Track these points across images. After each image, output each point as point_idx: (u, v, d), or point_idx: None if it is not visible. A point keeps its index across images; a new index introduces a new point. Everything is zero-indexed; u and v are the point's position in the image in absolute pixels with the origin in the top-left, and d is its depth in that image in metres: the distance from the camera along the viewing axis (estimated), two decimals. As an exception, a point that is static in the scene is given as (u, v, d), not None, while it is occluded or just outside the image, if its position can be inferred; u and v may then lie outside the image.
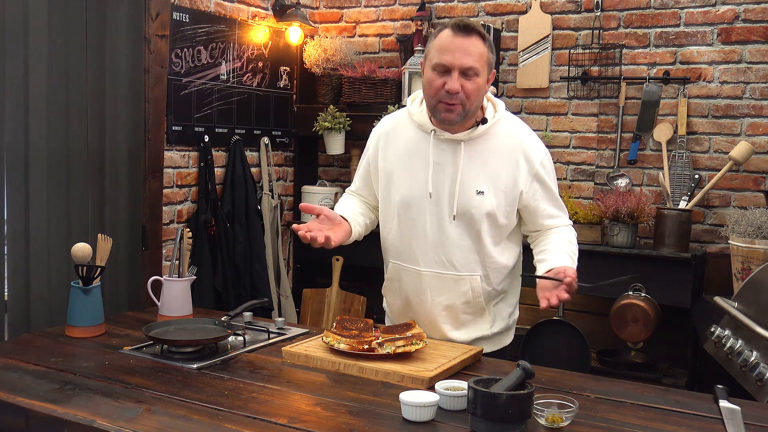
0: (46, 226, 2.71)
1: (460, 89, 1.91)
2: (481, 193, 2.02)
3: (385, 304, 2.37)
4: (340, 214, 2.14)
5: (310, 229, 1.99)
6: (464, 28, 1.91)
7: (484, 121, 2.04)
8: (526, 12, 3.83)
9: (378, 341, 1.92)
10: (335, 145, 3.99)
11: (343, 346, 1.92)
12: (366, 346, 1.91)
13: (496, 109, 2.08)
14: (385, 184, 2.16)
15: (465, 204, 2.04)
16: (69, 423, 1.56)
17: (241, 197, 3.68)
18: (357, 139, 3.98)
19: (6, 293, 2.62)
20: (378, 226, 2.27)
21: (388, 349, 1.88)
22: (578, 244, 2.18)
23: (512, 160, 2.04)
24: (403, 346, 1.88)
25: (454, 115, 1.96)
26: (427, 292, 2.12)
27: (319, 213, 2.07)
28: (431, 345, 2.06)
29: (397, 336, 1.96)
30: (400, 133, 2.14)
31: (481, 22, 3.86)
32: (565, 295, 1.87)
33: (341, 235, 2.08)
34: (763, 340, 2.39)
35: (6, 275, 2.61)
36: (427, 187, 2.05)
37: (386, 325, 2.30)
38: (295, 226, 2.00)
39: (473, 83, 1.93)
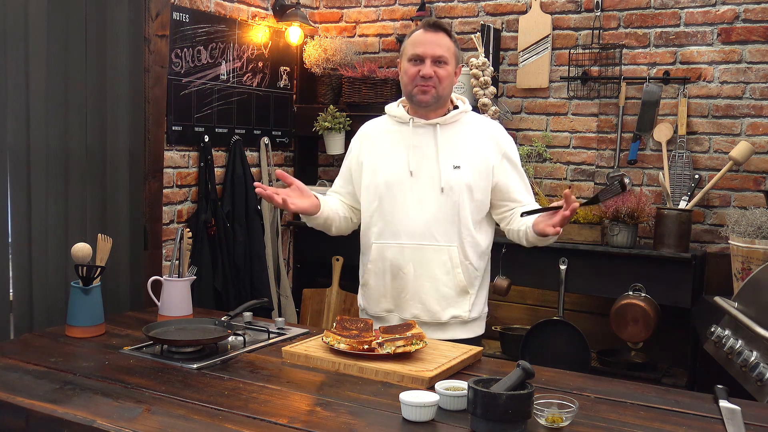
0: (46, 226, 2.71)
1: (433, 74, 2.20)
2: (457, 167, 2.25)
3: (360, 300, 2.43)
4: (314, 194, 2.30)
5: (276, 192, 2.11)
6: (433, 26, 2.23)
7: (455, 107, 2.32)
8: (526, 12, 3.83)
9: (378, 341, 1.93)
10: (335, 145, 3.99)
11: (343, 346, 1.93)
12: (366, 346, 1.92)
13: (464, 102, 2.36)
14: (368, 173, 2.34)
15: (445, 178, 2.24)
16: (69, 423, 1.56)
17: (241, 197, 3.68)
18: (357, 139, 3.98)
19: (11, 293, 2.62)
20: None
21: (388, 349, 1.89)
22: (579, 244, 2.21)
23: (482, 141, 2.30)
24: (403, 346, 1.89)
25: (428, 96, 2.23)
26: (409, 265, 2.26)
27: (291, 183, 2.22)
28: (431, 345, 2.06)
29: (397, 336, 1.97)
30: (380, 130, 2.38)
31: (481, 22, 3.86)
32: (567, 214, 2.02)
33: (305, 204, 2.21)
34: (763, 340, 2.39)
35: (12, 275, 2.62)
36: (408, 166, 2.26)
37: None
38: (257, 183, 2.14)
39: (444, 70, 2.22)
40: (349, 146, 2.45)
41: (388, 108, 2.39)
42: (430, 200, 2.24)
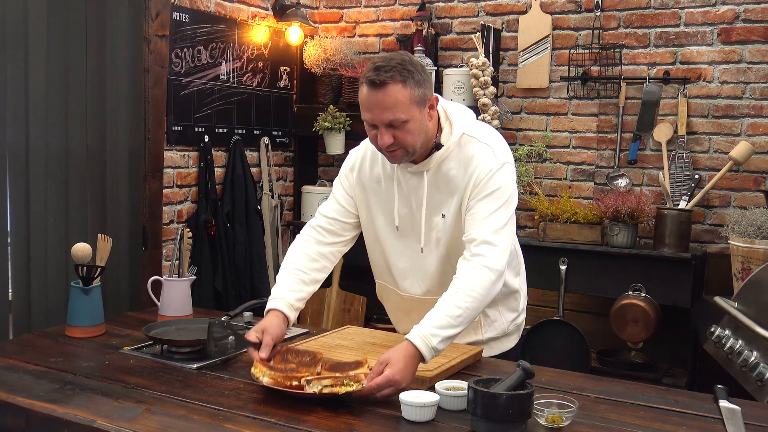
0: (45, 226, 2.71)
1: (392, 140, 1.85)
2: (443, 216, 1.99)
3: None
4: (275, 307, 1.97)
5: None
6: (375, 83, 1.81)
7: (438, 146, 1.96)
8: (526, 12, 3.83)
9: (307, 378, 1.66)
10: (335, 145, 3.99)
11: (266, 380, 1.69)
12: (295, 383, 1.67)
13: (452, 130, 1.98)
14: (363, 211, 2.13)
15: (432, 232, 2.01)
16: (69, 423, 1.55)
17: (241, 197, 3.68)
18: (357, 139, 3.91)
19: (11, 293, 2.62)
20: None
21: (314, 388, 1.63)
22: (579, 244, 2.13)
23: (465, 178, 1.96)
24: (330, 386, 1.62)
25: (397, 159, 1.92)
26: (411, 313, 2.09)
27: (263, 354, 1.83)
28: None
29: (326, 375, 1.70)
30: (377, 158, 2.09)
31: (481, 22, 3.86)
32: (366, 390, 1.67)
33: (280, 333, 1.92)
34: (763, 340, 2.39)
35: (10, 275, 2.61)
36: (395, 222, 2.04)
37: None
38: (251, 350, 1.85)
39: (403, 130, 1.84)
40: (348, 163, 2.18)
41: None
42: (423, 255, 2.04)
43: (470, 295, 1.80)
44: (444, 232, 2.00)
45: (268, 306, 1.98)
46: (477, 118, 2.08)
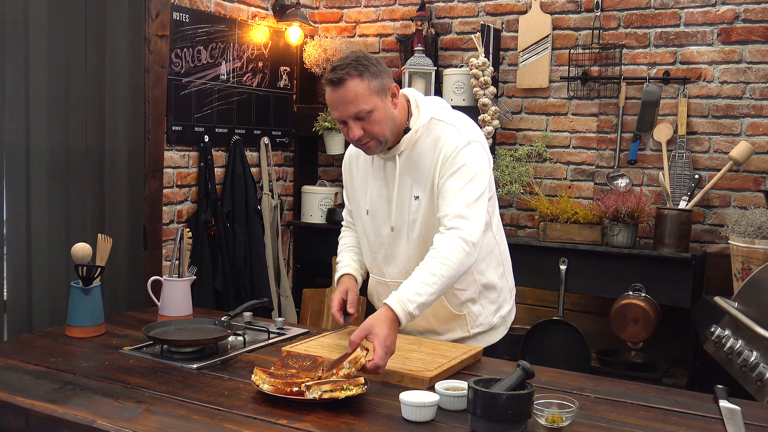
0: (46, 226, 2.71)
1: (362, 132, 1.97)
2: (417, 198, 2.07)
3: None
4: (346, 272, 2.25)
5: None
6: (334, 82, 1.95)
7: (407, 130, 2.07)
8: (526, 12, 3.83)
9: (307, 383, 1.64)
10: (335, 145, 3.99)
11: (266, 387, 1.68)
12: (295, 389, 1.66)
13: (419, 113, 2.09)
14: (354, 206, 2.27)
15: (407, 214, 2.09)
16: (69, 423, 1.56)
17: (241, 197, 3.68)
18: (357, 139, 3.98)
19: (5, 293, 2.62)
20: None
21: (314, 393, 1.61)
22: (579, 244, 2.15)
23: (434, 158, 2.05)
24: (330, 391, 1.62)
25: (372, 149, 2.04)
26: None
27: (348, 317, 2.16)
28: (431, 345, 2.06)
29: (326, 380, 1.69)
30: (359, 159, 2.24)
31: (481, 22, 3.86)
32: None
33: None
34: (763, 340, 2.40)
35: (5, 275, 2.61)
36: (374, 205, 2.16)
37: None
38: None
39: (370, 121, 1.97)
40: (342, 171, 2.34)
41: None
42: (402, 238, 2.11)
43: (444, 263, 1.89)
44: (419, 214, 2.07)
45: (340, 273, 2.25)
46: (477, 118, 2.11)
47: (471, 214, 1.95)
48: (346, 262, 2.29)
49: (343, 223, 2.45)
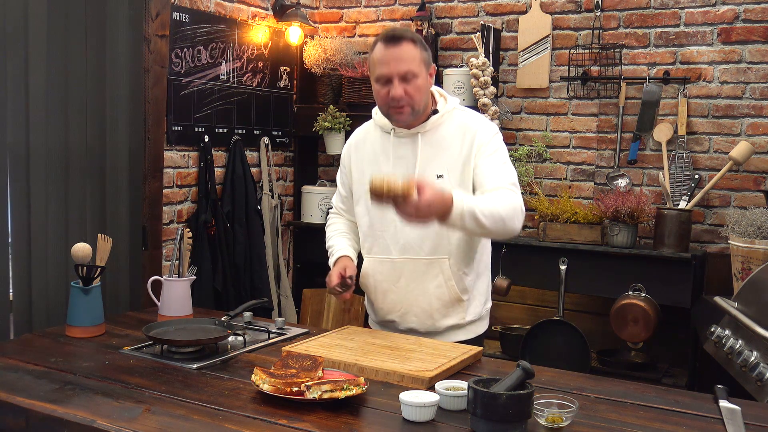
0: (46, 226, 2.71)
1: (404, 93, 2.07)
2: (440, 176, 2.15)
3: (366, 306, 2.44)
4: (344, 254, 2.30)
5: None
6: (393, 39, 2.07)
7: (435, 112, 2.20)
8: (526, 12, 3.83)
9: (307, 383, 1.65)
10: (335, 145, 3.99)
11: (267, 387, 1.68)
12: (295, 389, 1.67)
13: (446, 101, 2.23)
14: (358, 187, 2.29)
15: None
16: (69, 423, 1.56)
17: (241, 197, 3.68)
18: (357, 139, 3.98)
19: (11, 293, 2.62)
20: None
21: (314, 393, 1.62)
22: (579, 244, 2.17)
23: (465, 142, 2.16)
24: (330, 391, 1.63)
25: (404, 116, 2.12)
26: (401, 280, 2.22)
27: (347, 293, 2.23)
28: (431, 345, 2.06)
29: (326, 380, 1.72)
30: (367, 140, 2.30)
31: (481, 22, 3.87)
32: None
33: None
34: (763, 340, 2.39)
35: (11, 275, 2.62)
36: None
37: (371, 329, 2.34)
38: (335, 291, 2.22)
39: (413, 85, 2.08)
40: (341, 159, 2.38)
41: (374, 112, 2.29)
42: None
43: (501, 203, 2.01)
44: None
45: (336, 256, 2.29)
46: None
47: (517, 191, 2.11)
48: (341, 245, 2.33)
49: (331, 210, 2.49)
